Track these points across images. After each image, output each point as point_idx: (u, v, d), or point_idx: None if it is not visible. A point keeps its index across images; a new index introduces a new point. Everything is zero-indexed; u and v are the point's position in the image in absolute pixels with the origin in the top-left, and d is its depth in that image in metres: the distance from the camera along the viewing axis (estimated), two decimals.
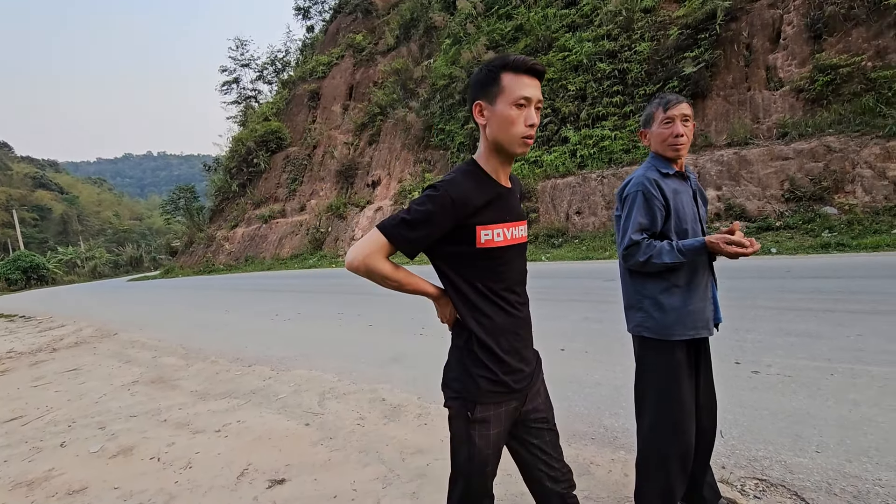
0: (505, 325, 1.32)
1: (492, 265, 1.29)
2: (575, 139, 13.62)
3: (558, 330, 4.76)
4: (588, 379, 3.46)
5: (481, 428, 1.30)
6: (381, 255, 1.22)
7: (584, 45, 14.15)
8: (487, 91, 1.24)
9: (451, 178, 1.25)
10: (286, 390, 4.02)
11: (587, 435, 2.66)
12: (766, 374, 3.14)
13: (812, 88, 10.25)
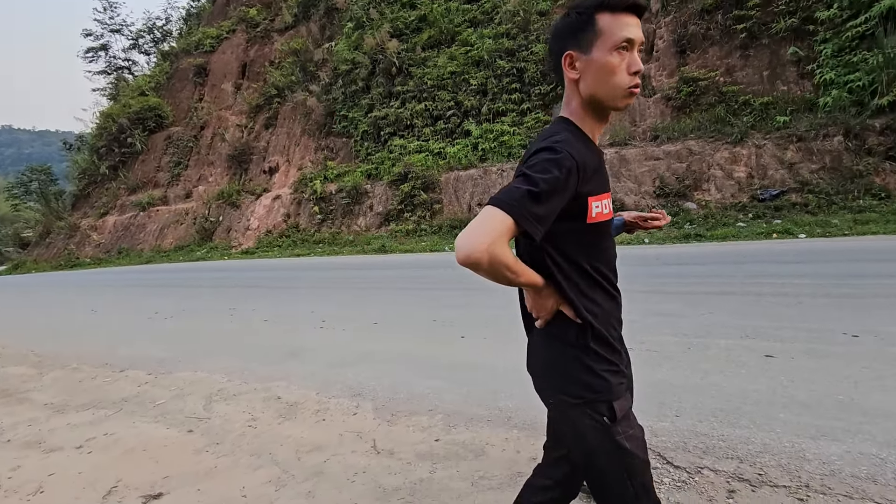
0: (611, 311, 1.17)
1: (599, 242, 1.13)
2: (477, 133, 14.03)
3: (462, 318, 4.89)
4: (486, 363, 3.60)
5: (625, 427, 1.07)
6: (505, 239, 0.95)
7: (486, 41, 14.58)
8: (579, 38, 1.05)
9: (564, 138, 1.04)
10: (166, 395, 3.64)
11: (483, 417, 2.77)
12: (638, 350, 3.52)
13: (678, 97, 11.62)
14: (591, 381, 1.07)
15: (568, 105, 1.13)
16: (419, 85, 15.47)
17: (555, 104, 13.17)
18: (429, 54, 15.90)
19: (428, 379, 3.42)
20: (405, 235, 13.60)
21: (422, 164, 14.33)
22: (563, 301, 1.10)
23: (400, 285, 7.23)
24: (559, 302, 1.10)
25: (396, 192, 14.56)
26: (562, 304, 1.10)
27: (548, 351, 1.16)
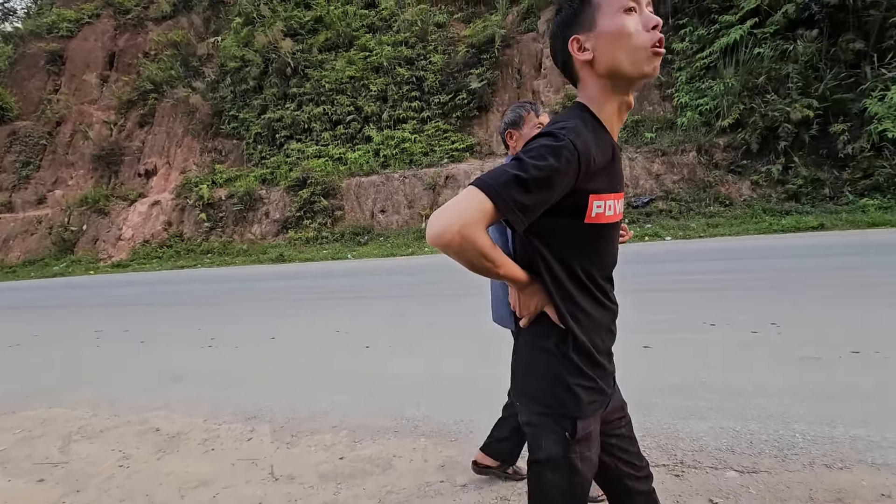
0: (600, 321, 1.07)
1: (596, 246, 1.03)
2: (378, 139, 13.92)
3: (365, 327, 4.78)
4: (390, 372, 3.55)
5: (583, 449, 1.03)
6: (482, 224, 0.87)
7: (385, 48, 14.57)
8: (579, 19, 0.98)
9: (572, 125, 0.93)
10: (7, 440, 3.06)
11: (390, 429, 2.72)
12: None
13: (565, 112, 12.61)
14: (562, 394, 1.02)
15: (584, 91, 1.03)
16: (317, 88, 14.98)
17: (453, 113, 13.56)
18: (326, 57, 15.47)
19: (331, 394, 3.28)
20: (305, 243, 13.03)
21: (322, 170, 13.86)
22: (548, 303, 1.02)
23: (300, 296, 6.89)
24: (544, 302, 1.03)
25: (295, 199, 13.89)
26: (546, 306, 1.03)
27: (527, 356, 1.10)
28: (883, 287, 4.48)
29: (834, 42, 9.71)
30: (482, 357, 3.68)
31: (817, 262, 5.71)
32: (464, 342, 4.05)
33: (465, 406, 2.90)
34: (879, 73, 9.19)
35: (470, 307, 5.06)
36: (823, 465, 2.07)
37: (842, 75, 9.56)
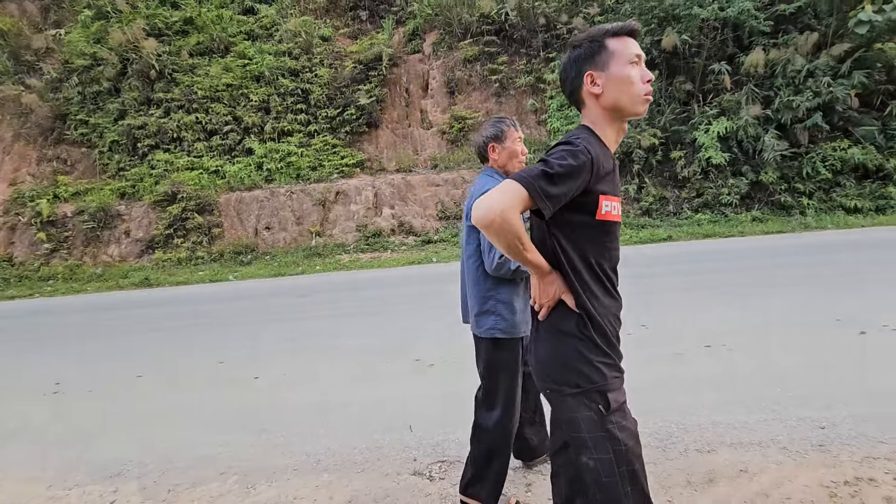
0: (610, 308, 1.23)
1: (605, 241, 1.21)
2: (261, 151, 13.07)
3: (252, 355, 4.37)
4: (285, 404, 3.29)
5: (619, 419, 1.16)
6: (518, 209, 1.06)
7: (266, 57, 13.82)
8: (595, 60, 1.19)
9: (585, 137, 1.17)
10: None
11: (288, 467, 2.50)
12: (439, 365, 3.73)
13: (451, 132, 13.09)
14: (588, 371, 1.15)
15: (587, 116, 1.25)
16: (187, 94, 13.62)
17: (342, 128, 13.30)
18: (198, 61, 14.18)
19: (216, 435, 2.93)
20: (176, 265, 11.63)
21: (195, 183, 12.55)
22: (566, 290, 1.18)
23: (173, 325, 6.10)
24: (562, 290, 1.18)
25: (163, 215, 12.37)
26: (564, 294, 1.18)
27: (549, 342, 1.22)
28: (723, 288, 5.32)
29: (670, 82, 11.49)
30: (389, 377, 3.59)
31: (672, 268, 6.61)
32: (367, 363, 3.91)
33: (371, 431, 2.78)
34: (704, 110, 11.07)
35: (372, 326, 4.93)
36: (696, 450, 2.36)
37: (677, 110, 11.34)
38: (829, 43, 10.37)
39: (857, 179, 10.18)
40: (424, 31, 14.33)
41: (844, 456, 2.24)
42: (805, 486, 2.05)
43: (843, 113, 10.18)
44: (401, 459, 2.46)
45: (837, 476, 2.09)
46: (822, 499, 1.96)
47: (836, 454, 2.26)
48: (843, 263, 6.04)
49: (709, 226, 9.90)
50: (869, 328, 3.73)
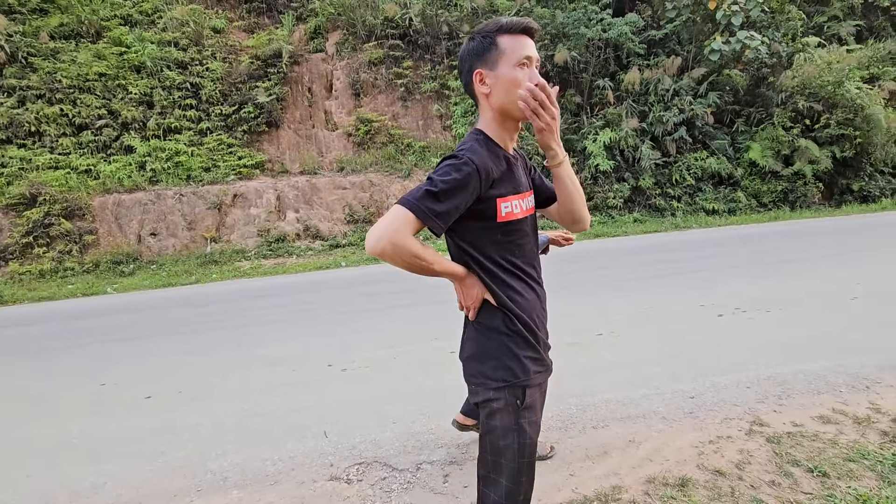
0: (534, 301, 1.28)
1: (514, 239, 1.23)
2: (143, 150, 11.81)
3: (142, 374, 3.95)
4: (185, 423, 3.04)
5: (530, 414, 1.23)
6: (408, 231, 1.07)
7: (147, 45, 12.53)
8: (486, 57, 1.17)
9: (468, 147, 1.16)
10: None
11: (191, 488, 2.32)
12: (351, 369, 3.69)
13: (357, 134, 12.92)
14: (514, 366, 1.20)
15: (481, 117, 1.25)
16: (49, 82, 11.85)
17: (239, 127, 12.49)
18: (62, 46, 12.41)
19: (101, 464, 2.62)
20: (38, 278, 10.04)
21: (61, 184, 10.95)
22: (486, 290, 1.22)
23: (37, 346, 5.27)
24: (484, 290, 1.22)
25: (19, 221, 10.62)
26: (486, 294, 1.22)
27: (478, 340, 1.26)
28: (612, 282, 5.90)
29: (563, 95, 12.45)
30: (300, 385, 3.47)
31: (570, 266, 7.16)
32: (276, 372, 3.74)
33: (284, 442, 2.68)
34: (592, 121, 12.17)
35: (279, 334, 4.71)
36: (592, 427, 2.62)
37: (570, 121, 12.32)
38: (690, 66, 11.96)
39: (714, 185, 11.86)
40: (327, 30, 13.98)
41: (708, 420, 2.63)
42: (679, 448, 2.38)
43: (701, 128, 11.80)
44: (316, 466, 2.41)
45: (703, 437, 2.46)
46: (692, 457, 2.29)
47: (703, 419, 2.65)
48: (705, 258, 7.01)
49: (599, 227, 10.88)
50: (724, 311, 4.40)
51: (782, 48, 11.55)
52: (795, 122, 11.70)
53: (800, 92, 11.67)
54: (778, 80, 11.83)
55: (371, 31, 13.40)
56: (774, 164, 11.41)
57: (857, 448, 2.29)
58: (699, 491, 2.03)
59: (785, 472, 2.14)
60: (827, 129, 11.42)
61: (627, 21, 11.69)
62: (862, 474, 2.12)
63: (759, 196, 11.62)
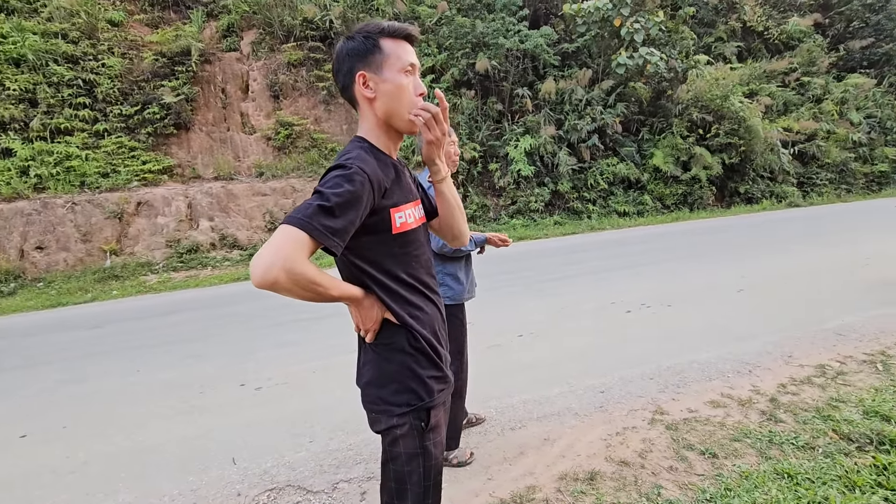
0: (434, 314, 1.21)
1: (411, 251, 1.16)
2: (26, 153, 10.48)
3: (19, 409, 3.47)
4: (67, 463, 2.70)
5: (434, 435, 1.17)
6: (302, 255, 0.94)
7: (28, 37, 11.16)
8: (369, 60, 1.10)
9: (355, 155, 1.06)
10: None
11: None
12: (267, 387, 3.49)
13: (277, 138, 12.39)
14: (418, 388, 1.13)
15: (363, 123, 1.17)
16: None
17: (143, 129, 11.49)
18: None
19: None
20: None
21: None
22: (385, 310, 1.13)
23: None
24: (383, 311, 1.13)
25: None
26: (386, 313, 1.13)
27: (379, 364, 1.16)
28: (533, 284, 6.11)
29: (485, 102, 12.79)
30: (208, 408, 3.22)
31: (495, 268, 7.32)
32: (180, 397, 3.44)
33: (186, 473, 2.47)
34: (513, 128, 12.61)
35: (187, 353, 4.35)
36: (510, 429, 2.67)
37: (492, 127, 12.68)
38: (600, 78, 12.78)
39: (624, 189, 12.75)
40: (241, 28, 13.29)
41: (616, 412, 2.79)
42: (590, 442, 2.49)
43: (612, 136, 12.65)
44: (221, 497, 2.24)
45: (611, 429, 2.60)
46: (601, 449, 2.41)
47: (611, 412, 2.80)
48: (617, 257, 7.49)
49: (522, 229, 11.27)
50: (632, 307, 4.72)
51: (678, 64, 12.70)
52: (691, 131, 12.90)
53: (694, 104, 12.89)
54: (675, 93, 12.99)
55: (289, 31, 12.95)
56: (675, 170, 12.49)
57: (740, 428, 2.53)
58: (606, 483, 2.14)
59: (681, 457, 2.31)
60: (717, 138, 12.71)
61: (542, 34, 12.27)
62: (745, 452, 2.34)
63: (663, 199, 12.66)
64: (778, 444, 2.38)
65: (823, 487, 2.03)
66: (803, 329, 3.92)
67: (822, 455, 2.28)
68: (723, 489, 2.06)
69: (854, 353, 3.44)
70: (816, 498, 1.97)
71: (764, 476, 2.13)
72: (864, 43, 15.96)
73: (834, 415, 2.61)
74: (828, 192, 14.14)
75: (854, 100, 15.21)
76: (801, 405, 2.74)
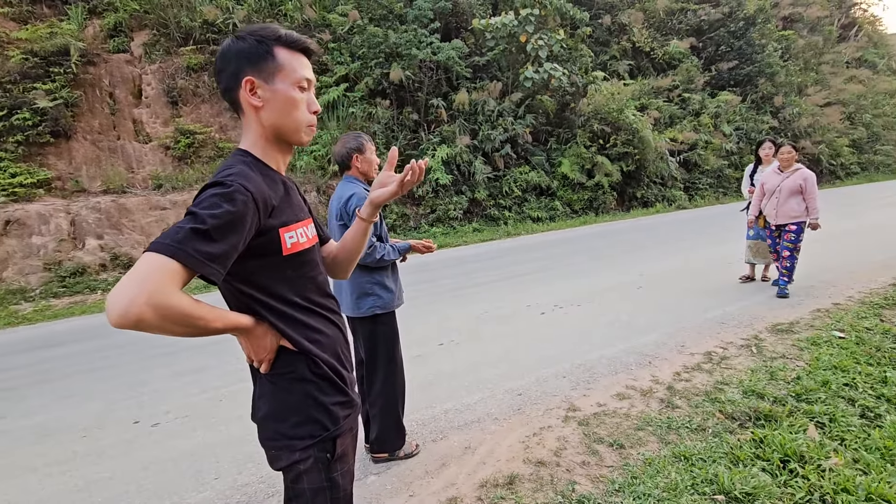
0: (336, 336, 1.15)
1: (306, 272, 1.09)
2: None
3: None
4: None
5: (341, 465, 1.11)
6: (174, 286, 0.81)
7: None
8: (260, 66, 1.02)
9: (237, 171, 0.96)
10: None
11: None
12: (165, 422, 3.17)
13: (178, 147, 11.47)
14: (322, 418, 1.06)
15: (247, 133, 1.08)
16: None
17: (11, 137, 10.03)
18: None
19: None
20: None
21: None
22: (282, 337, 1.04)
23: None
24: (278, 338, 1.04)
25: None
26: (282, 340, 1.04)
27: (277, 396, 1.06)
28: (453, 291, 6.18)
29: (400, 112, 12.83)
30: (95, 453, 2.84)
31: (415, 277, 7.32)
32: (59, 441, 3.00)
33: None
34: (430, 137, 12.76)
35: (69, 392, 3.82)
36: (431, 441, 2.65)
37: (409, 137, 12.74)
38: (510, 91, 13.37)
39: (537, 196, 13.41)
40: (132, 28, 12.18)
41: (533, 413, 2.88)
42: (509, 445, 2.55)
43: (523, 145, 13.26)
44: None
45: (529, 430, 2.68)
46: (519, 452, 2.48)
47: (529, 413, 2.89)
48: (531, 261, 7.82)
49: (442, 237, 11.41)
50: (546, 309, 4.94)
51: (579, 79, 13.65)
52: (593, 141, 13.89)
53: (594, 116, 13.91)
54: (577, 105, 13.94)
55: (188, 33, 12.10)
56: (581, 177, 13.37)
57: (643, 417, 2.74)
58: (525, 485, 2.20)
59: (592, 451, 2.44)
60: (616, 148, 13.81)
61: (454, 46, 12.59)
62: (647, 440, 2.53)
63: (572, 204, 13.48)
64: (675, 429, 2.60)
65: (713, 465, 2.25)
66: (692, 320, 4.35)
67: (711, 435, 2.53)
68: (629, 478, 2.21)
69: (734, 339, 3.87)
70: (708, 476, 2.17)
71: (664, 461, 2.31)
72: (731, 65, 18.24)
73: (720, 396, 2.91)
74: (708, 196, 15.91)
75: (725, 114, 17.32)
76: (693, 391, 3.02)
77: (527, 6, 12.44)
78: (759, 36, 18.71)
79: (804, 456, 2.26)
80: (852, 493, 2.02)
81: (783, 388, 2.96)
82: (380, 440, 2.45)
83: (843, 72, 23.21)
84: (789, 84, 19.59)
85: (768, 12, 19.21)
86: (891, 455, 2.29)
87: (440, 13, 13.11)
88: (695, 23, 18.47)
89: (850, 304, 4.49)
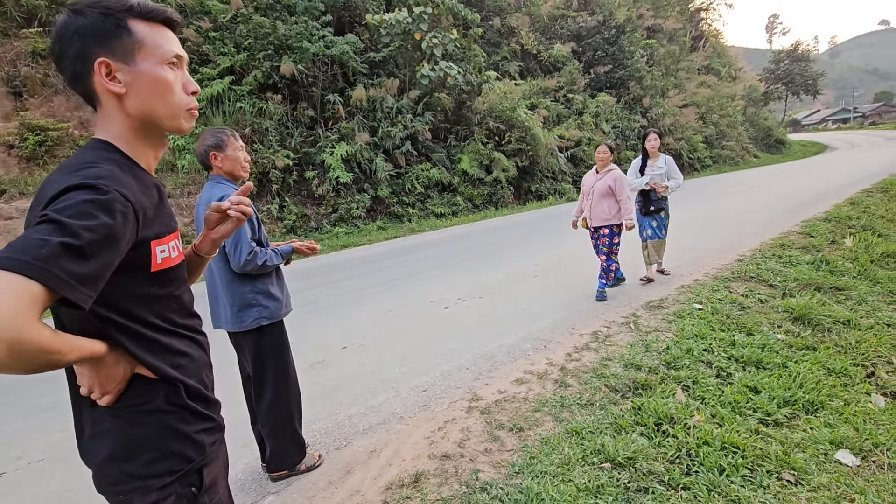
0: (201, 357, 1.03)
1: (171, 290, 0.95)
2: None
3: None
4: None
5: (211, 495, 0.98)
6: (32, 314, 0.66)
7: None
8: (112, 45, 0.85)
9: (108, 172, 0.81)
10: None
11: None
12: (14, 470, 2.70)
13: (25, 146, 9.83)
14: (184, 450, 0.94)
15: (108, 126, 0.91)
16: None
17: None
18: None
19: None
20: None
21: None
22: (137, 364, 0.90)
23: None
24: (133, 365, 0.90)
25: None
26: (137, 368, 0.90)
27: (122, 433, 0.90)
28: (357, 291, 6.04)
29: (295, 107, 12.23)
30: None
31: (315, 280, 7.03)
32: None
33: None
34: (328, 135, 12.34)
35: None
36: (335, 449, 2.57)
37: (305, 133, 12.19)
38: (407, 88, 13.38)
39: (439, 192, 13.61)
40: None
41: (438, 408, 2.92)
42: (414, 443, 2.55)
43: (423, 142, 13.37)
44: None
45: (434, 426, 2.71)
46: (424, 448, 2.49)
47: (434, 409, 2.92)
48: (436, 256, 7.93)
49: (345, 237, 11.11)
50: (450, 304, 5.03)
51: (473, 78, 14.08)
52: (489, 138, 14.44)
53: (489, 114, 14.46)
54: (473, 104, 14.38)
55: (31, 13, 10.43)
56: (480, 173, 13.83)
57: (539, 399, 2.90)
58: (430, 481, 2.22)
59: (494, 437, 2.54)
60: (510, 145, 14.49)
61: (348, 41, 12.29)
62: (544, 420, 2.69)
63: (473, 199, 13.90)
64: (567, 406, 2.79)
65: (601, 436, 2.45)
66: (580, 303, 4.71)
67: (598, 408, 2.75)
68: (528, 458, 2.32)
69: (616, 317, 4.27)
70: (596, 446, 2.36)
71: (559, 438, 2.47)
72: (607, 68, 20.05)
73: (605, 372, 3.18)
74: None
75: (604, 113, 19.00)
76: (582, 369, 3.27)
77: (420, 4, 12.51)
78: (629, 43, 20.79)
79: (673, 417, 2.56)
80: (711, 444, 2.33)
81: (656, 359, 3.32)
82: (276, 458, 2.30)
83: (696, 77, 26.68)
84: (654, 87, 22.03)
85: (635, 22, 21.43)
86: (739, 407, 2.68)
87: (332, 6, 12.72)
88: (574, 29, 20.00)
89: (706, 279, 5.17)
